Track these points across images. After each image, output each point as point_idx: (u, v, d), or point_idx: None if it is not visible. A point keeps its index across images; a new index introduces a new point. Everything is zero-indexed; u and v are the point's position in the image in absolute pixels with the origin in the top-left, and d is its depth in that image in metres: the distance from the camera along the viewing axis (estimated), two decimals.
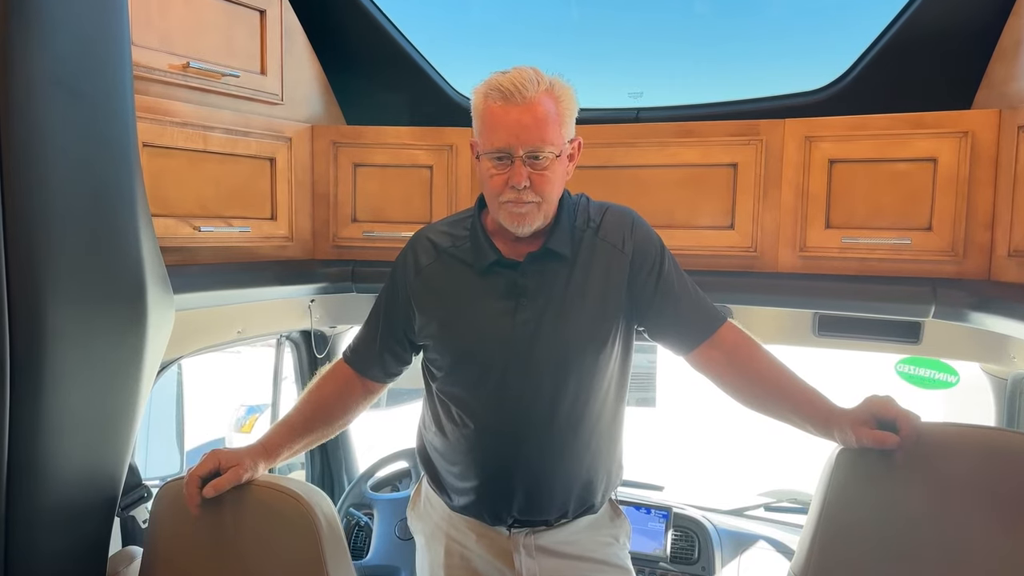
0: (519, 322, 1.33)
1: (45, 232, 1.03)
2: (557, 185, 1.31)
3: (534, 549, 1.41)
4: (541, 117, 1.24)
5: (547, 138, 1.25)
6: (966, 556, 1.03)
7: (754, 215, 1.79)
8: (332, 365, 1.53)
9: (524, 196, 1.27)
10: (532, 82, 1.24)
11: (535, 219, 1.30)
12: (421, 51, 2.18)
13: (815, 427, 1.22)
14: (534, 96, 1.24)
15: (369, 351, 1.49)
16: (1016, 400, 1.92)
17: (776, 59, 2.77)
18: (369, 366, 1.49)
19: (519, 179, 1.25)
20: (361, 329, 1.53)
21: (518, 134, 1.24)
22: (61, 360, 1.07)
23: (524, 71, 1.26)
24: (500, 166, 1.28)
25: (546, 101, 1.25)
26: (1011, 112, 1.56)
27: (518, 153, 1.25)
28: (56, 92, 1.02)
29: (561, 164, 1.31)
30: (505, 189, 1.27)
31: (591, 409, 1.36)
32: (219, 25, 1.72)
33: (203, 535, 1.23)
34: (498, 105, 1.25)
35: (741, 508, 2.44)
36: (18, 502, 1.08)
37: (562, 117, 1.28)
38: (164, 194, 1.60)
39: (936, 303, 1.65)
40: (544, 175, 1.27)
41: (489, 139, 1.28)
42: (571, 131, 1.33)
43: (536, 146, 1.25)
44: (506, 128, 1.25)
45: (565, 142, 1.30)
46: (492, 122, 1.27)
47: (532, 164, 1.26)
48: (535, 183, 1.26)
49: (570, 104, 1.31)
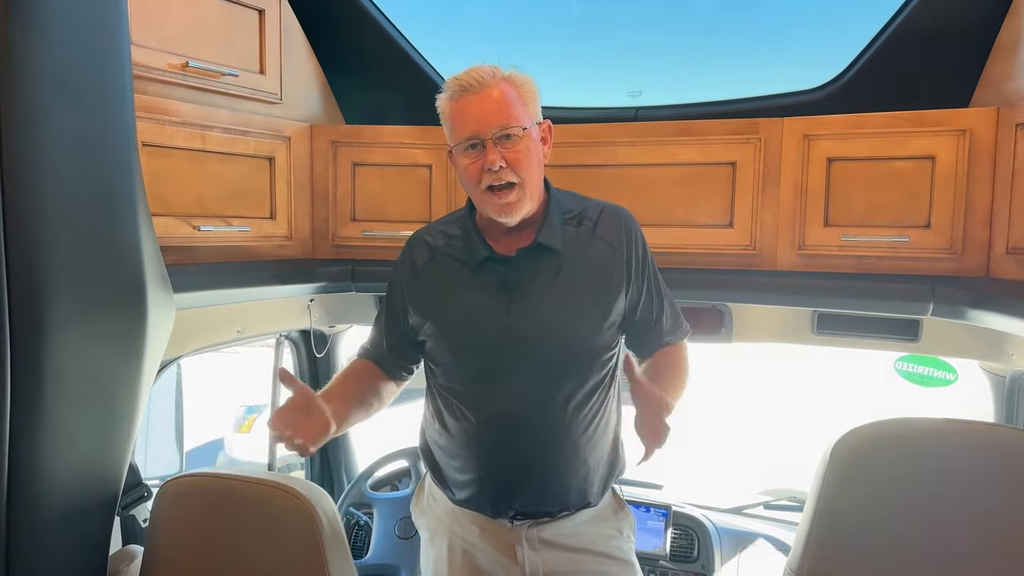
0: (513, 316, 1.34)
1: (45, 231, 1.03)
2: (534, 164, 1.33)
3: (537, 542, 1.42)
4: (503, 100, 1.29)
5: (512, 116, 1.29)
6: (962, 552, 1.03)
7: (753, 213, 1.80)
8: (354, 362, 1.56)
9: (502, 176, 1.28)
10: (488, 73, 1.29)
11: (521, 204, 1.32)
12: (420, 50, 2.19)
13: None
14: (491, 83, 1.29)
15: (379, 351, 1.53)
16: (1014, 397, 1.93)
17: (775, 58, 2.78)
18: (387, 366, 1.54)
19: (493, 159, 1.27)
20: (370, 332, 1.57)
21: (483, 118, 1.28)
22: (61, 359, 1.07)
23: (480, 66, 1.31)
24: (473, 154, 1.30)
25: (505, 86, 1.30)
26: (1009, 110, 1.56)
27: (487, 136, 1.28)
28: (55, 91, 1.02)
29: (534, 144, 1.33)
30: (483, 174, 1.29)
31: (588, 401, 1.38)
32: (218, 25, 1.72)
33: (203, 534, 1.24)
34: (460, 99, 1.30)
35: (740, 506, 2.45)
36: (19, 501, 1.08)
37: (524, 98, 1.32)
38: (163, 193, 1.61)
39: (935, 301, 1.65)
40: (517, 153, 1.29)
41: (458, 132, 1.31)
42: (537, 114, 1.36)
43: (503, 124, 1.28)
44: (471, 116, 1.29)
45: (533, 123, 1.33)
46: (458, 115, 1.31)
47: (503, 144, 1.29)
48: (511, 161, 1.29)
49: (530, 88, 1.34)
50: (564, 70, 3.71)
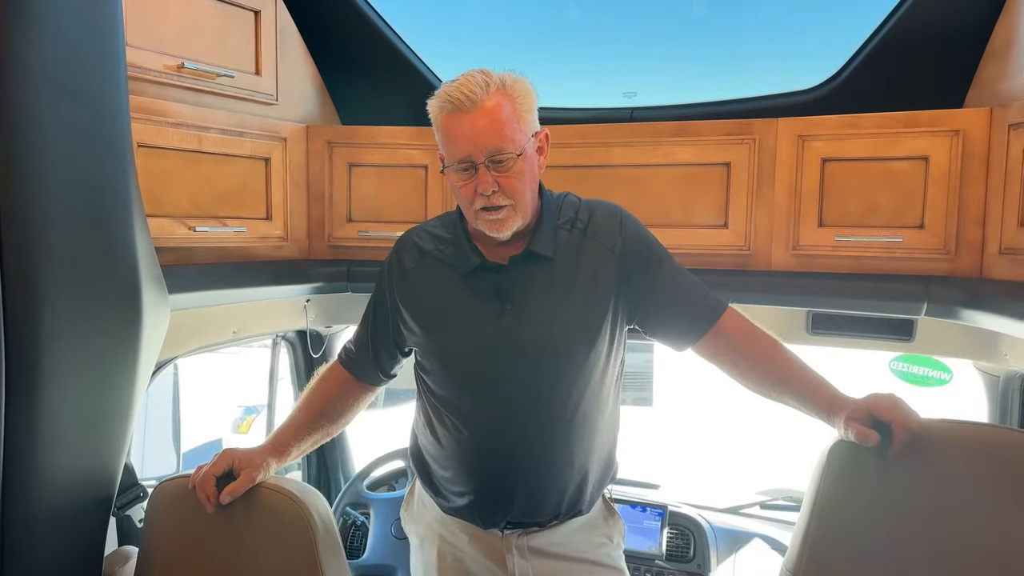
0: (504, 326, 1.31)
1: (40, 232, 1.03)
2: (527, 184, 1.28)
3: (527, 550, 1.40)
4: (496, 119, 1.22)
5: (506, 139, 1.23)
6: (958, 551, 1.04)
7: (748, 214, 1.80)
8: (329, 366, 1.54)
9: (495, 200, 1.25)
10: (481, 86, 1.22)
11: (512, 222, 1.29)
12: (416, 51, 2.19)
13: (818, 414, 1.22)
14: (484, 99, 1.22)
15: (363, 354, 1.50)
16: (1008, 397, 1.93)
17: (769, 59, 2.79)
18: (364, 370, 1.50)
19: (485, 186, 1.23)
20: (355, 332, 1.54)
21: (475, 140, 1.22)
22: (56, 360, 1.07)
23: (472, 76, 1.24)
24: (466, 176, 1.26)
25: (499, 101, 1.23)
26: (1002, 110, 1.57)
27: (480, 160, 1.23)
28: (51, 93, 1.02)
29: (528, 162, 1.28)
30: (475, 197, 1.26)
31: (582, 412, 1.35)
32: (214, 26, 1.72)
33: (198, 535, 1.24)
34: (451, 115, 1.24)
35: (737, 506, 2.45)
36: (14, 502, 1.08)
37: (519, 113, 1.25)
38: (159, 194, 1.61)
39: (928, 300, 1.66)
40: (510, 178, 1.25)
41: (450, 151, 1.26)
42: (534, 125, 1.30)
43: (496, 148, 1.23)
44: (463, 137, 1.23)
45: (528, 138, 1.27)
46: (449, 133, 1.25)
47: (496, 168, 1.24)
48: (503, 186, 1.25)
49: (527, 98, 1.27)
50: (560, 70, 3.66)
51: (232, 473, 1.23)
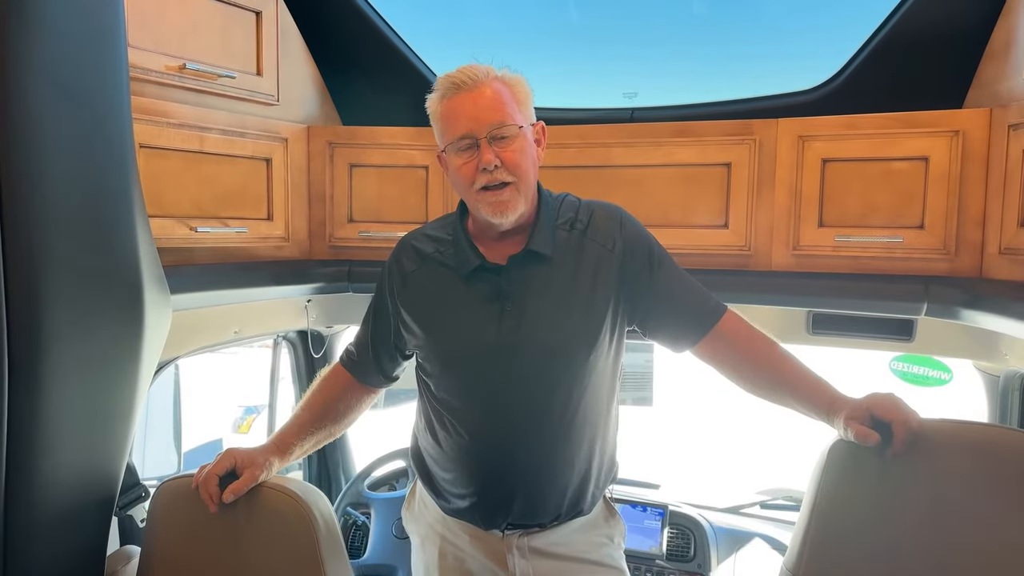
0: (505, 328, 1.31)
1: (42, 233, 1.03)
2: (529, 164, 1.30)
3: (527, 551, 1.40)
4: (497, 97, 1.26)
5: (507, 114, 1.26)
6: (958, 551, 1.04)
7: (748, 214, 1.80)
8: (332, 367, 1.54)
9: (498, 176, 1.25)
10: (482, 72, 1.27)
11: (516, 204, 1.28)
12: (416, 51, 2.19)
13: (818, 415, 1.22)
14: (485, 81, 1.26)
15: (364, 357, 1.50)
16: (1008, 397, 1.93)
17: (769, 59, 2.79)
18: (366, 372, 1.51)
19: (488, 159, 1.24)
20: (356, 334, 1.54)
21: (477, 117, 1.25)
22: (58, 360, 1.07)
23: (472, 65, 1.28)
24: (467, 154, 1.27)
25: (498, 87, 1.28)
26: (1001, 111, 1.57)
27: (482, 135, 1.25)
28: (53, 94, 1.02)
29: (529, 143, 1.30)
30: (477, 174, 1.26)
31: (582, 413, 1.35)
32: (215, 26, 1.72)
33: (200, 534, 1.24)
34: (453, 97, 1.27)
35: (737, 506, 2.45)
36: (16, 502, 1.08)
37: (517, 98, 1.29)
38: (161, 195, 1.61)
39: (928, 301, 1.66)
40: (513, 152, 1.26)
41: (451, 131, 1.28)
42: (530, 115, 1.34)
43: (498, 122, 1.25)
44: (465, 114, 1.26)
45: (527, 123, 1.31)
46: (450, 114, 1.28)
47: (498, 143, 1.26)
48: (506, 160, 1.26)
49: (523, 88, 1.32)
50: (560, 70, 3.67)
51: (235, 472, 1.24)
